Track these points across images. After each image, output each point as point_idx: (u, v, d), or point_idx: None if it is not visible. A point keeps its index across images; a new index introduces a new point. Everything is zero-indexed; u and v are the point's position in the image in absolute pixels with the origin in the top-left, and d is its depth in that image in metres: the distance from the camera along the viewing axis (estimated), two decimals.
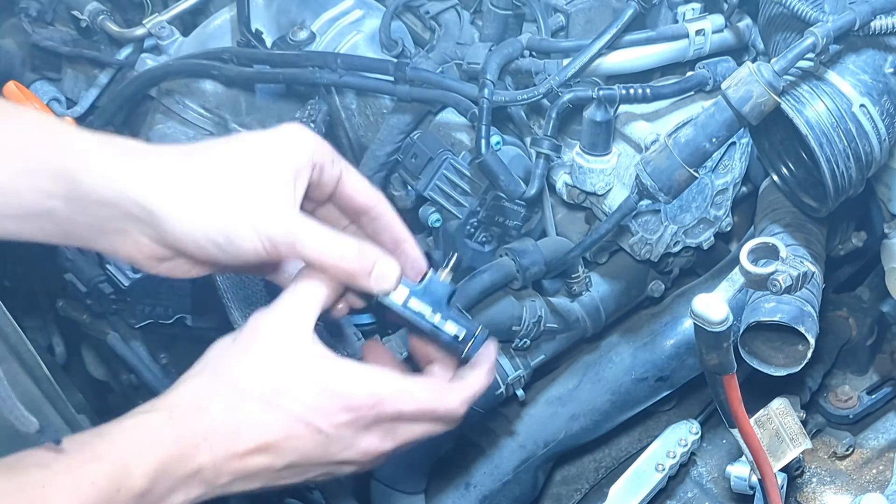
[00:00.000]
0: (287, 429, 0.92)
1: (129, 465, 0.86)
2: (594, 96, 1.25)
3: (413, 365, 1.08)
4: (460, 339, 1.01)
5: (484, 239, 1.41)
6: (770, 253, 1.02)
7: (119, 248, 0.97)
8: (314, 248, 0.95)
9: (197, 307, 1.62)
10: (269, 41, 1.53)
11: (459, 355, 1.03)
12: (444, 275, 1.03)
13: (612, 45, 1.28)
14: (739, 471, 1.33)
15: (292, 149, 0.97)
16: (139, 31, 1.57)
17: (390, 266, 0.98)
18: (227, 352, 0.96)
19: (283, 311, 0.96)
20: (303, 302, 0.96)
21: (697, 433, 1.49)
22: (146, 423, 0.90)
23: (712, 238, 1.46)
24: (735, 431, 1.13)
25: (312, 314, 0.96)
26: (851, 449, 1.53)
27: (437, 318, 1.00)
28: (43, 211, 0.92)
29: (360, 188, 1.03)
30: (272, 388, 0.92)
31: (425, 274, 1.02)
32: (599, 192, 1.32)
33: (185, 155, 0.96)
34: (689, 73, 1.34)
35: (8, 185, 0.90)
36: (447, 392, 0.99)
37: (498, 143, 1.33)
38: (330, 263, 0.96)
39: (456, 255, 1.05)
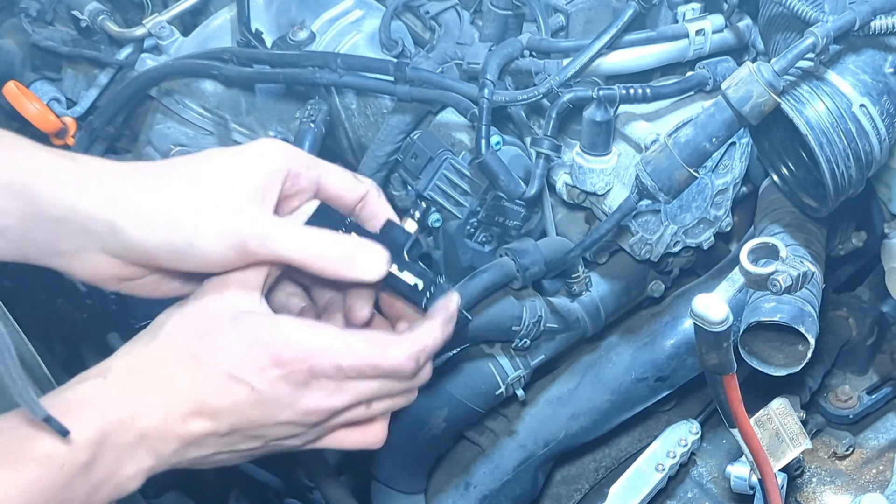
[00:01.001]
0: (219, 387, 0.89)
1: (70, 438, 0.83)
2: (594, 96, 1.25)
3: None
4: (420, 289, 0.96)
5: (484, 239, 1.41)
6: (770, 253, 1.02)
7: (77, 268, 0.95)
8: (288, 244, 0.91)
9: None
10: (269, 41, 1.53)
11: (420, 307, 0.97)
12: (408, 224, 1.00)
13: (612, 45, 1.28)
14: (739, 471, 1.33)
15: (260, 159, 0.94)
16: (139, 31, 1.57)
17: (373, 252, 0.93)
18: (166, 315, 0.93)
19: (230, 274, 0.92)
20: (252, 267, 0.92)
21: (697, 433, 1.49)
22: (82, 392, 0.88)
23: (712, 238, 1.46)
24: (735, 431, 1.13)
25: (260, 275, 0.92)
26: (851, 449, 1.53)
27: (393, 268, 0.95)
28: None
29: (344, 185, 0.99)
30: (201, 345, 0.89)
31: (386, 222, 0.98)
32: (599, 192, 1.32)
33: (146, 169, 0.94)
34: (689, 73, 1.34)
35: None
36: (390, 345, 0.91)
37: (498, 143, 1.33)
38: (308, 258, 0.92)
39: (425, 204, 1.03)
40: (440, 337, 0.94)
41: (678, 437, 1.48)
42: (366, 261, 0.93)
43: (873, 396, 1.57)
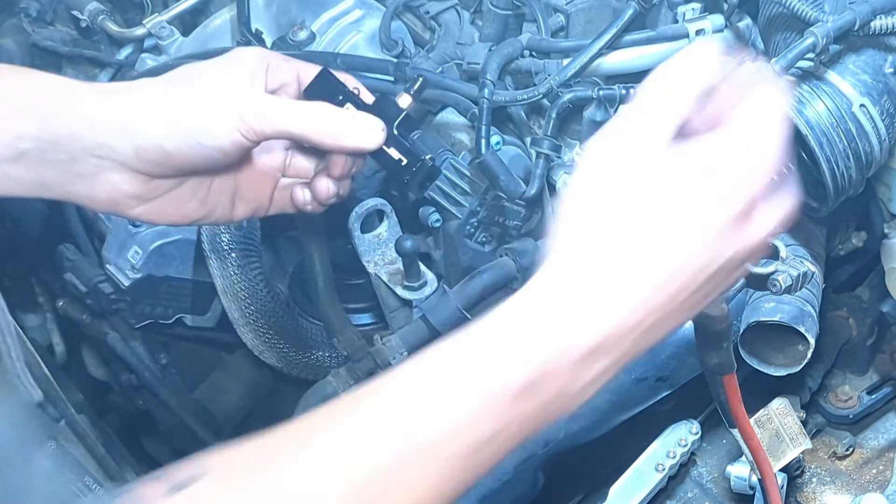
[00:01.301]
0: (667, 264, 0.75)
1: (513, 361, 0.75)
2: (594, 96, 1.25)
3: None
4: (403, 164, 0.98)
5: (484, 239, 1.41)
6: (770, 253, 1.02)
7: (96, 191, 0.97)
8: (287, 116, 0.96)
9: (197, 307, 1.62)
10: (269, 41, 1.53)
11: (402, 182, 1.00)
12: (403, 99, 1.01)
13: (612, 45, 1.28)
14: (739, 471, 1.33)
15: (241, 56, 1.00)
16: (139, 31, 1.57)
17: (370, 122, 0.98)
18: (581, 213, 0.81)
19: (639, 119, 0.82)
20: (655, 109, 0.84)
21: (697, 433, 1.49)
22: (518, 312, 0.80)
23: None
24: (735, 431, 1.13)
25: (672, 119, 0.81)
26: (851, 449, 1.53)
27: None
28: (15, 155, 0.92)
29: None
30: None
31: (380, 96, 1.01)
32: None
33: (149, 81, 1.00)
34: None
35: None
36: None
37: (498, 143, 1.33)
38: (308, 130, 0.96)
39: (422, 78, 1.03)
40: None
41: (678, 437, 1.48)
42: (363, 130, 0.97)
43: (873, 396, 1.57)
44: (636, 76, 1.35)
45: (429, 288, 1.38)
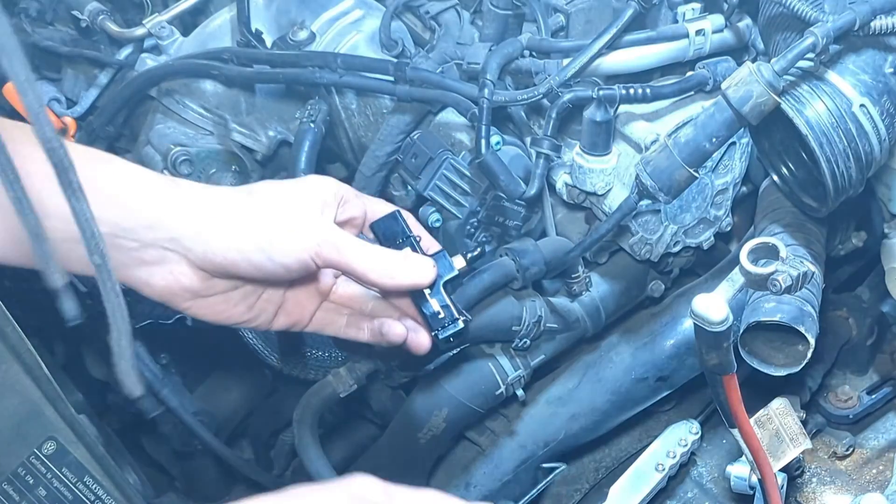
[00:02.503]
0: None
1: None
2: (594, 96, 1.25)
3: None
4: (439, 317, 1.03)
5: (484, 239, 1.41)
6: (770, 253, 1.02)
7: (156, 278, 1.01)
8: (360, 255, 1.02)
9: None
10: (269, 41, 1.53)
11: (430, 332, 1.04)
12: (457, 260, 1.07)
13: (612, 45, 1.28)
14: (739, 471, 1.33)
15: (318, 185, 1.06)
16: (139, 31, 1.57)
17: (423, 261, 1.05)
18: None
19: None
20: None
21: (697, 433, 1.49)
22: None
23: (712, 238, 1.46)
24: (735, 431, 1.13)
25: None
26: (851, 449, 1.53)
27: (426, 290, 1.03)
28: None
29: (385, 210, 1.11)
30: None
31: (439, 251, 1.07)
32: (599, 192, 1.32)
33: (228, 190, 1.04)
34: (689, 73, 1.34)
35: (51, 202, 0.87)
36: None
37: (498, 143, 1.33)
38: (373, 269, 1.02)
39: (479, 249, 1.09)
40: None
41: (678, 437, 1.48)
42: (417, 269, 1.04)
43: (873, 396, 1.58)
44: (636, 76, 1.35)
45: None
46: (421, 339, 1.09)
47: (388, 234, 1.08)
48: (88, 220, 0.82)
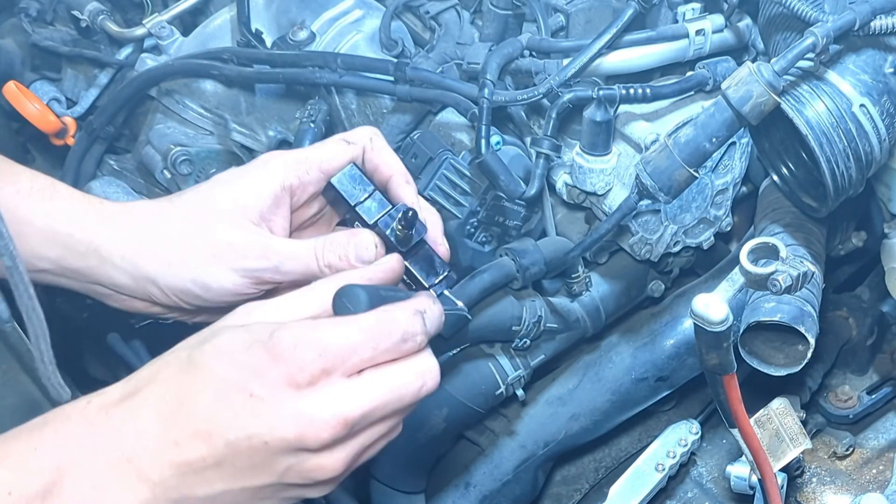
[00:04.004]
0: (215, 396, 0.77)
1: (24, 465, 0.77)
2: (594, 96, 1.25)
3: None
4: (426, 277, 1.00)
5: (484, 239, 1.41)
6: (770, 253, 1.02)
7: (111, 302, 1.05)
8: (299, 265, 0.97)
9: None
10: (269, 41, 1.53)
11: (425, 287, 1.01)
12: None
13: (612, 45, 1.28)
14: (739, 471, 1.33)
15: (259, 186, 1.00)
16: (139, 31, 1.57)
17: (365, 238, 0.98)
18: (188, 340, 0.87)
19: (270, 306, 0.85)
20: (297, 300, 0.86)
21: (697, 433, 1.49)
22: (54, 416, 0.80)
23: (712, 238, 1.46)
24: (735, 431, 1.13)
25: (298, 311, 0.84)
26: (851, 449, 1.53)
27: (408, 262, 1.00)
28: (36, 270, 0.98)
29: (337, 158, 1.03)
30: (200, 351, 0.81)
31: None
32: (599, 192, 1.32)
33: (162, 215, 1.01)
34: (689, 73, 1.34)
35: None
36: (394, 308, 0.83)
37: (498, 143, 1.33)
38: (305, 262, 0.97)
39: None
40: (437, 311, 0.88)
41: (678, 437, 1.48)
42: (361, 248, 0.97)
43: (873, 396, 1.57)
44: (636, 76, 1.35)
45: None
46: None
47: (348, 194, 1.01)
48: None
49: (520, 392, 1.46)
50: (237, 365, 0.78)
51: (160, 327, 1.62)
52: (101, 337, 1.65)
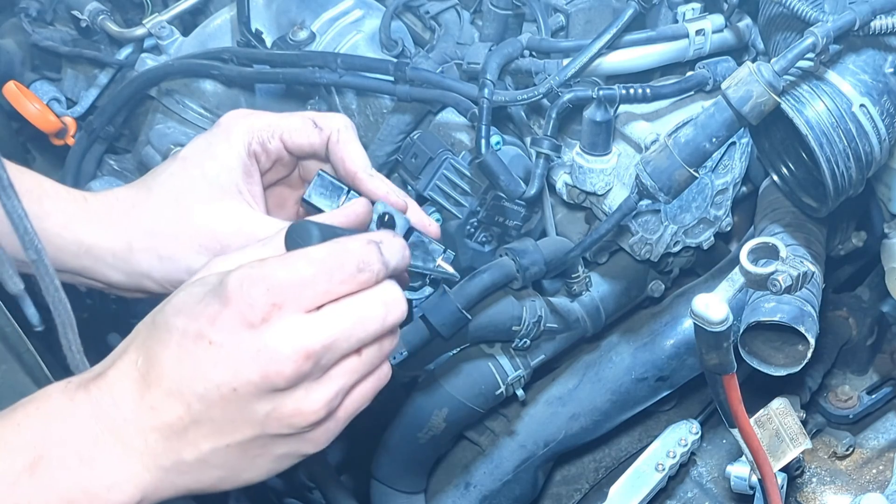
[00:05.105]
0: (177, 352, 0.76)
1: (8, 442, 0.77)
2: (594, 96, 1.25)
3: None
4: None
5: (484, 239, 1.41)
6: (770, 253, 1.02)
7: (103, 290, 1.05)
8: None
9: None
10: (269, 41, 1.53)
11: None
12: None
13: (612, 45, 1.28)
14: (739, 471, 1.33)
15: (227, 156, 1.00)
16: (139, 31, 1.57)
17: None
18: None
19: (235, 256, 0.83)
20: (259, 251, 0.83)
21: (697, 433, 1.49)
22: (35, 398, 0.81)
23: (712, 238, 1.46)
24: (735, 431, 1.13)
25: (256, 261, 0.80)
26: (851, 449, 1.53)
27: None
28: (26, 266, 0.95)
29: (304, 139, 1.02)
30: (160, 311, 0.79)
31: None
32: (599, 192, 1.32)
33: (142, 205, 1.01)
34: (689, 73, 1.34)
35: None
36: (346, 240, 0.79)
37: (498, 143, 1.33)
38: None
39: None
40: (398, 244, 0.85)
41: (678, 437, 1.48)
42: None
43: (873, 396, 1.57)
44: (636, 76, 1.35)
45: (429, 288, 1.38)
46: None
47: (324, 206, 1.00)
48: (21, 217, 0.82)
49: (520, 392, 1.46)
50: (193, 316, 0.76)
51: None
52: (101, 337, 1.65)
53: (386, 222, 0.95)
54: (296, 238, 0.81)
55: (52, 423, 0.78)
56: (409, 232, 0.98)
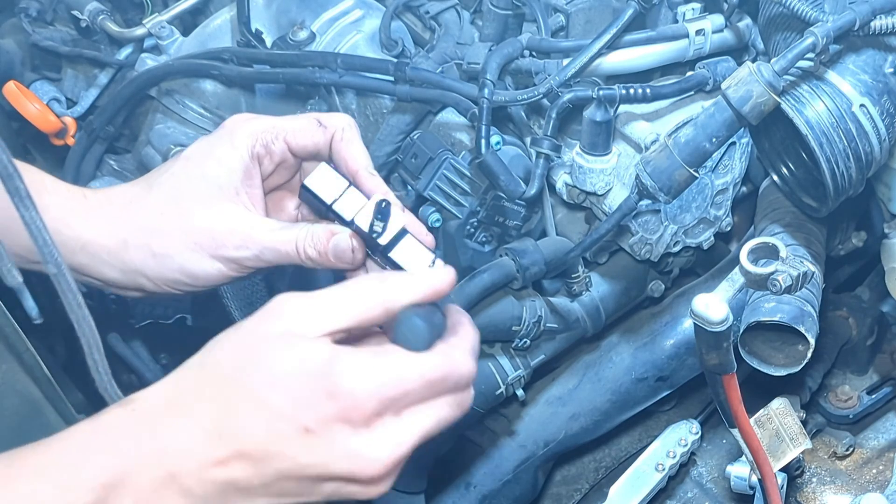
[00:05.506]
0: (267, 426, 0.78)
1: (71, 479, 0.76)
2: (594, 96, 1.25)
3: None
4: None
5: (484, 239, 1.41)
6: (770, 253, 1.02)
7: (102, 288, 1.06)
8: (277, 250, 0.98)
9: (197, 307, 1.62)
10: (269, 41, 1.53)
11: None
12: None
13: (612, 45, 1.28)
14: (739, 471, 1.33)
15: (229, 159, 1.00)
16: (139, 31, 1.57)
17: (342, 241, 0.97)
18: (219, 340, 0.85)
19: (306, 305, 0.83)
20: (334, 305, 0.83)
21: (697, 433, 1.49)
22: (103, 423, 0.80)
23: (712, 238, 1.46)
24: (735, 431, 1.13)
25: (337, 320, 0.82)
26: (851, 449, 1.53)
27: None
28: (29, 263, 0.96)
29: (307, 139, 1.03)
30: (249, 375, 0.79)
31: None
32: (599, 192, 1.32)
33: (139, 203, 1.02)
34: (689, 73, 1.34)
35: None
36: (452, 349, 0.83)
37: (498, 143, 1.33)
38: (293, 256, 0.98)
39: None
40: (475, 333, 0.88)
41: (678, 437, 1.48)
42: (339, 249, 0.97)
43: (873, 396, 1.58)
44: (636, 76, 1.35)
45: None
46: None
47: (323, 193, 1.00)
48: (40, 229, 0.81)
49: (520, 392, 1.46)
50: (290, 395, 0.78)
51: (160, 327, 1.63)
52: (100, 337, 1.65)
53: (382, 210, 0.96)
54: (406, 335, 0.84)
55: (113, 464, 0.78)
56: (403, 233, 0.98)
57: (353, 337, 0.84)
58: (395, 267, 0.98)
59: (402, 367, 0.80)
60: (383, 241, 0.97)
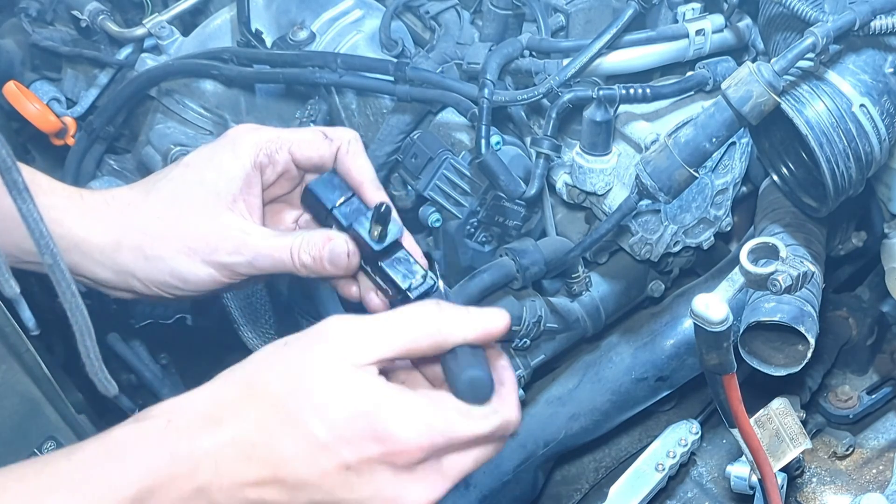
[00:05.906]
0: (307, 455, 0.78)
1: (104, 488, 0.76)
2: (594, 96, 1.25)
3: None
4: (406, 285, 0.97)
5: (484, 239, 1.41)
6: (770, 253, 1.02)
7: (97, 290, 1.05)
8: (272, 258, 0.98)
9: (197, 307, 1.62)
10: (269, 41, 1.53)
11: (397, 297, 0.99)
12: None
13: (612, 45, 1.28)
14: (739, 471, 1.33)
15: (231, 166, 1.00)
16: (139, 31, 1.57)
17: (339, 245, 0.97)
18: (267, 355, 0.84)
19: (356, 331, 0.82)
20: (385, 333, 0.82)
21: (697, 433, 1.49)
22: (139, 431, 0.80)
23: (712, 238, 1.46)
24: (735, 431, 1.13)
25: (388, 349, 0.81)
26: (851, 449, 1.53)
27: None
28: (21, 262, 0.98)
29: (313, 153, 1.03)
30: (296, 400, 0.78)
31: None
32: (599, 192, 1.32)
33: (136, 206, 1.02)
34: (689, 73, 1.34)
35: None
36: (500, 404, 0.84)
37: (498, 143, 1.33)
38: (287, 265, 0.98)
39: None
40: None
41: (678, 437, 1.48)
42: (336, 254, 0.97)
43: (873, 396, 1.57)
44: (636, 76, 1.35)
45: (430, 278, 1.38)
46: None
47: (325, 198, 1.01)
48: (37, 221, 0.81)
49: (520, 392, 1.46)
50: (335, 429, 0.78)
51: (160, 327, 1.63)
52: (100, 337, 1.65)
53: (382, 213, 0.96)
54: (468, 387, 0.83)
55: (146, 480, 0.77)
56: (398, 246, 0.98)
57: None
58: (386, 279, 0.98)
59: (456, 424, 0.80)
60: (379, 248, 0.97)
